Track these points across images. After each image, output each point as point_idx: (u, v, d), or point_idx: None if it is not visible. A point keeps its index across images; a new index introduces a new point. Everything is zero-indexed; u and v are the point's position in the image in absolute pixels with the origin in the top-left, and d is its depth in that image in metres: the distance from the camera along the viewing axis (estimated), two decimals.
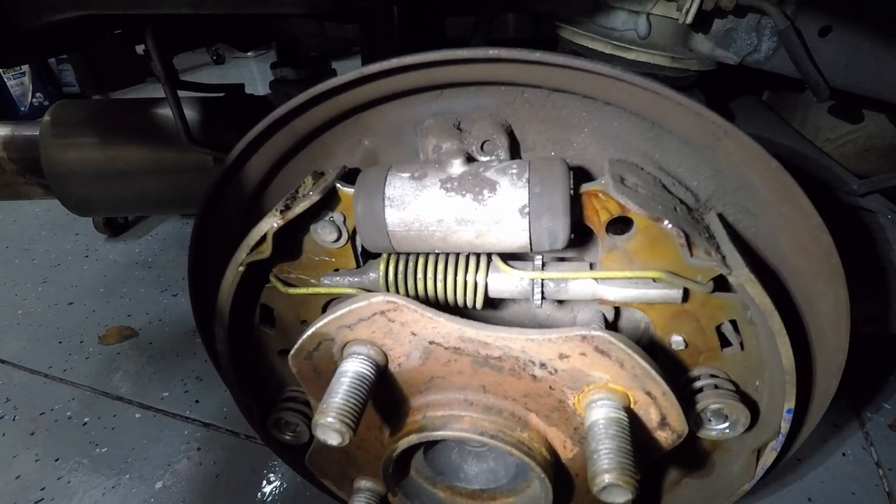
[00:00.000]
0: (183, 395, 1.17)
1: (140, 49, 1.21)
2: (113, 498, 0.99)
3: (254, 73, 3.04)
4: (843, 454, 1.00)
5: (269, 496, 0.98)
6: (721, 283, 0.43)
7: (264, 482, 1.00)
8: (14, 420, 1.14)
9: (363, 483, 0.53)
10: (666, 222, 0.39)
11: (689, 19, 0.66)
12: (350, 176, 0.48)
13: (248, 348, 0.57)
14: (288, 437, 0.58)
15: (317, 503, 0.95)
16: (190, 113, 1.11)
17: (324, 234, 0.47)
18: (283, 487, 0.99)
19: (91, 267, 1.57)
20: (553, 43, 0.81)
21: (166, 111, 1.14)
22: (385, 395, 0.46)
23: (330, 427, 0.38)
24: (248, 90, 1.29)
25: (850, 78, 0.71)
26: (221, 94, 1.20)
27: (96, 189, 1.14)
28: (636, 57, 0.72)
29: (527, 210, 0.40)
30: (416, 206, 0.42)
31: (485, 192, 0.41)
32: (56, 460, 1.06)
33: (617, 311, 0.49)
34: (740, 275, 0.39)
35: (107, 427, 1.12)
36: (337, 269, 0.51)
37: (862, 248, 0.77)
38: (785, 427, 0.46)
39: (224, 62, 2.97)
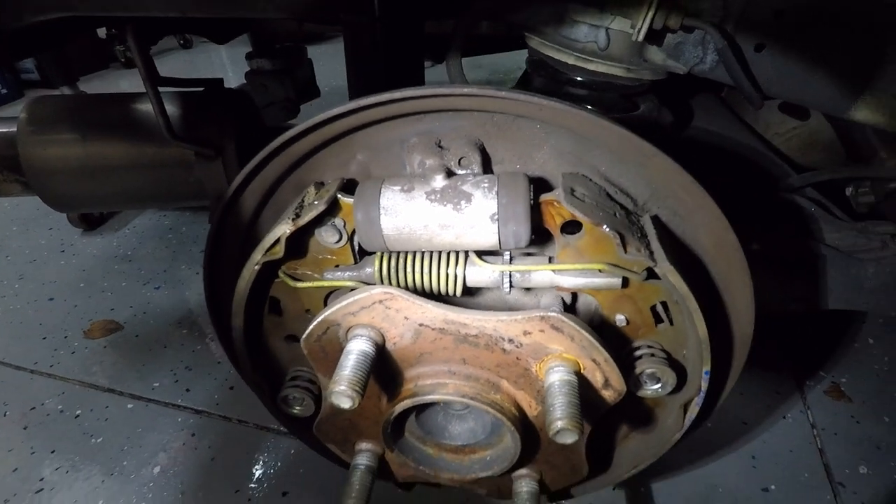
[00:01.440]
0: (173, 385, 1.29)
1: (102, 33, 1.29)
2: (112, 484, 1.11)
3: (223, 60, 3.08)
4: (784, 417, 1.19)
5: (263, 475, 1.11)
6: (652, 273, 0.57)
7: (258, 462, 1.13)
8: (5, 416, 1.24)
9: (364, 445, 0.67)
10: (604, 227, 0.53)
11: (641, 36, 0.80)
12: (347, 186, 0.61)
13: (258, 335, 0.70)
14: (296, 411, 0.71)
15: (310, 478, 1.08)
16: (170, 108, 1.19)
17: (327, 236, 0.60)
18: (277, 466, 1.13)
19: (68, 262, 1.65)
20: (523, 41, 0.94)
21: (145, 106, 1.23)
22: (382, 369, 0.60)
23: (343, 394, 0.52)
24: (217, 75, 1.37)
25: (782, 87, 0.86)
26: (200, 89, 1.29)
27: (78, 185, 1.23)
28: (596, 67, 0.86)
29: (496, 217, 0.54)
30: (406, 214, 0.55)
31: (462, 202, 0.55)
32: (52, 452, 1.17)
33: (574, 296, 0.64)
34: (663, 266, 0.54)
35: (100, 418, 1.23)
36: (337, 266, 0.63)
37: (793, 237, 0.93)
38: (704, 385, 0.61)
39: (192, 46, 3.01)
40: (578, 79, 0.88)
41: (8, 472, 1.12)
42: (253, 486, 1.08)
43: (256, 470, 1.12)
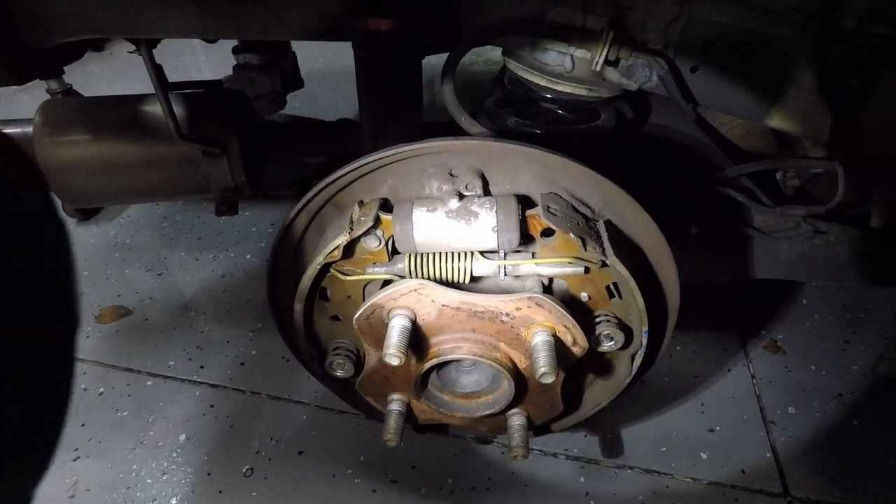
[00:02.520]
0: (188, 363, 1.58)
1: None
2: (142, 451, 1.39)
3: (143, 63, 3.25)
4: (729, 370, 1.57)
5: (280, 438, 1.40)
6: (605, 263, 0.92)
7: (274, 428, 1.43)
8: None
9: (395, 396, 1.03)
10: (570, 234, 0.87)
11: (599, 67, 1.12)
12: (383, 205, 0.93)
13: (310, 317, 1.03)
14: (339, 374, 1.05)
15: (322, 439, 1.39)
16: (176, 110, 1.46)
17: (370, 243, 0.93)
18: (292, 430, 1.43)
19: None
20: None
21: (152, 108, 1.50)
22: (414, 338, 0.94)
23: (394, 355, 0.86)
24: (137, 79, 1.61)
25: (713, 100, 1.19)
26: (201, 90, 1.56)
27: (93, 183, 1.50)
28: (563, 88, 1.19)
29: (496, 229, 0.88)
30: (432, 227, 0.89)
31: (471, 219, 0.88)
32: (82, 425, 1.43)
33: (551, 280, 0.98)
34: (611, 259, 0.89)
35: (122, 395, 1.51)
36: (374, 263, 0.96)
37: (725, 221, 1.30)
38: (644, 341, 0.98)
39: (102, 49, 3.20)
40: (549, 96, 1.21)
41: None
42: (271, 447, 1.39)
43: (272, 434, 1.42)
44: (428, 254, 0.94)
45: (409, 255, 0.94)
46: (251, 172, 1.59)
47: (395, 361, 0.86)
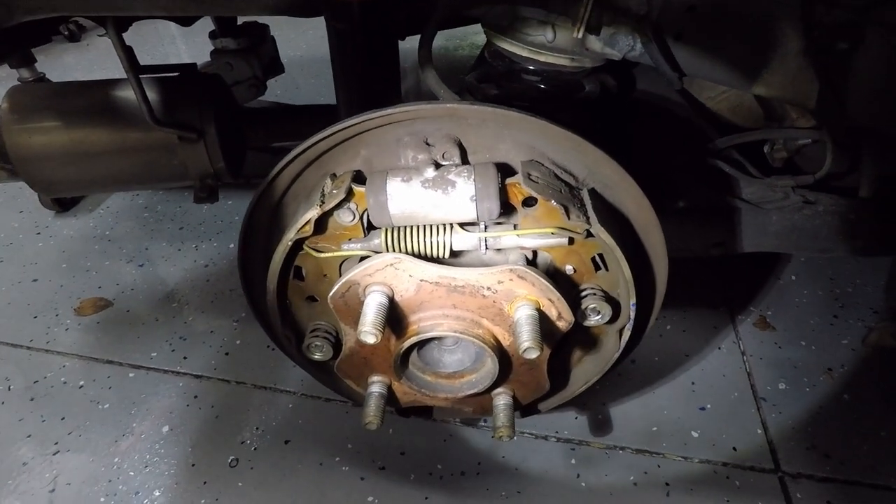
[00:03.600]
0: (171, 354, 1.53)
1: None
2: (125, 443, 1.34)
3: (117, 52, 3.18)
4: (719, 348, 1.54)
5: (265, 427, 1.36)
6: (590, 232, 0.86)
7: (259, 417, 1.39)
8: (10, 389, 1.45)
9: (376, 377, 0.97)
10: (552, 201, 0.81)
11: (580, 34, 1.06)
12: (357, 177, 0.87)
13: (284, 297, 0.97)
14: (317, 356, 0.99)
15: (307, 428, 1.34)
16: (150, 94, 1.39)
17: (343, 217, 0.87)
18: (278, 419, 1.39)
19: (46, 244, 1.85)
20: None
21: (125, 93, 1.44)
22: (392, 316, 0.88)
23: (369, 333, 0.80)
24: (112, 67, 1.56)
25: (698, 68, 1.14)
26: (176, 74, 1.49)
27: (65, 171, 1.44)
28: (545, 59, 1.13)
29: (474, 198, 0.82)
30: (407, 198, 0.83)
31: (448, 188, 0.82)
32: (62, 419, 1.38)
33: (535, 253, 0.93)
34: (596, 228, 0.83)
35: (104, 387, 1.46)
36: (350, 238, 0.90)
37: (714, 193, 1.25)
38: (632, 314, 0.92)
39: (79, 40, 3.12)
40: (531, 68, 1.15)
41: (22, 437, 1.32)
42: (257, 437, 1.35)
43: (258, 423, 1.38)
44: (405, 227, 0.88)
45: (386, 230, 0.88)
46: (230, 158, 1.53)
47: (370, 339, 0.80)
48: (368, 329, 0.80)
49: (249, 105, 1.92)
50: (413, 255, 0.87)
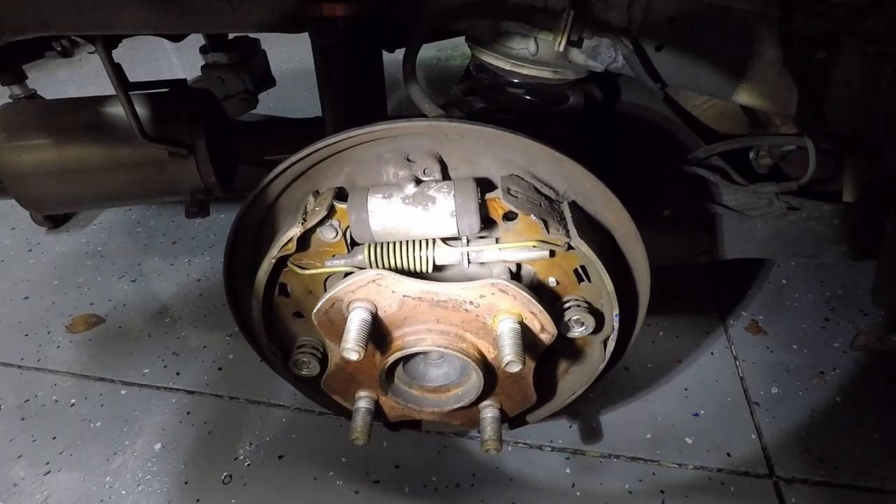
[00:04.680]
0: (163, 370, 1.53)
1: None
2: (117, 461, 1.33)
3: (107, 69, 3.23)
4: (711, 353, 1.54)
5: (259, 442, 1.35)
6: (571, 245, 0.87)
7: (253, 432, 1.38)
8: (0, 409, 1.45)
9: (362, 393, 0.97)
10: (531, 215, 0.82)
11: (562, 48, 1.07)
12: (339, 194, 0.88)
13: (270, 314, 0.97)
14: (304, 372, 1.00)
15: (301, 442, 1.33)
16: (140, 111, 1.41)
17: (326, 234, 0.88)
18: (271, 434, 1.38)
19: (38, 260, 1.85)
20: None
21: (115, 109, 1.45)
22: (376, 331, 0.88)
23: (352, 350, 0.80)
24: (103, 84, 1.56)
25: (679, 79, 1.15)
26: (165, 90, 1.51)
27: (55, 188, 1.45)
28: (528, 72, 1.14)
29: (454, 213, 0.83)
30: (388, 215, 0.83)
31: (429, 204, 0.83)
32: (53, 438, 1.37)
33: (518, 266, 0.94)
34: (576, 241, 0.84)
35: (95, 405, 1.45)
36: (334, 255, 0.91)
37: (698, 201, 1.26)
38: (616, 325, 0.93)
39: (71, 55, 3.14)
40: (515, 81, 1.17)
41: (13, 458, 1.31)
42: (250, 452, 1.34)
43: (252, 439, 1.37)
44: (388, 243, 0.89)
45: (369, 246, 0.89)
46: (221, 173, 1.54)
47: (353, 356, 0.81)
48: (351, 346, 0.80)
49: (241, 119, 1.93)
50: (397, 270, 0.88)
